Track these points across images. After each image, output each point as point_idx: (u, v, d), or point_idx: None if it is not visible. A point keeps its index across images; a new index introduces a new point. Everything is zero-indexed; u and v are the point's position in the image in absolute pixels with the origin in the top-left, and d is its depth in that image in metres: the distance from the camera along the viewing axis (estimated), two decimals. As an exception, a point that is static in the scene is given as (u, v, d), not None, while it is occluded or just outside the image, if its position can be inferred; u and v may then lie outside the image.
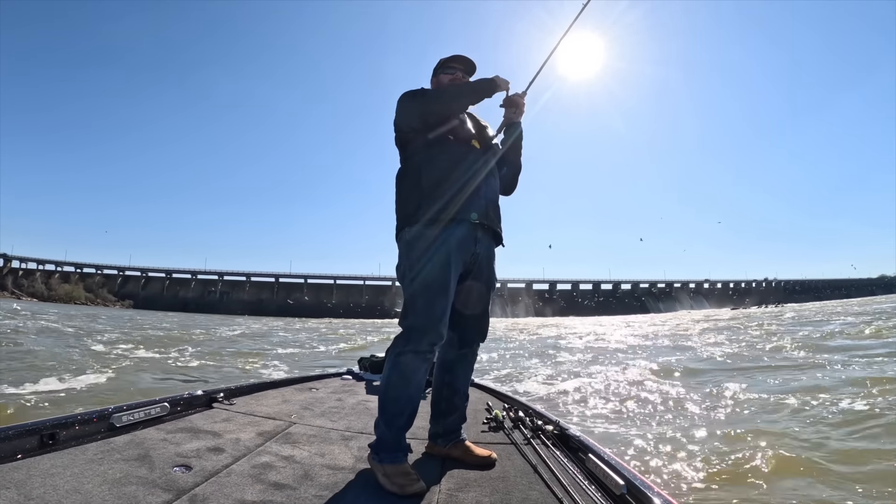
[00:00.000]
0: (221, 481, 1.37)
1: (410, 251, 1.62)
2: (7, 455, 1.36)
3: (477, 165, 1.70)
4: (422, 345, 1.55)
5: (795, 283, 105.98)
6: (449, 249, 1.59)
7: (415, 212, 1.62)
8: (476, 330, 1.77)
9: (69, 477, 1.27)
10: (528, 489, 1.45)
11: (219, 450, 1.63)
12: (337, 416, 2.33)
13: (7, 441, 1.39)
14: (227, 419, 2.06)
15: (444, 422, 1.75)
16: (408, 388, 1.55)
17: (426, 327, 1.55)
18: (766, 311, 41.67)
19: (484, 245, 1.72)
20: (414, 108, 1.69)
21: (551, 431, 1.95)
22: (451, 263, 1.59)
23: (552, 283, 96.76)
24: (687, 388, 5.44)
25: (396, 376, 1.56)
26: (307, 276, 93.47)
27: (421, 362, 1.56)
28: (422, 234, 1.61)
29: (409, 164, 1.72)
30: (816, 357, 7.42)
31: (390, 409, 1.55)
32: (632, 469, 1.39)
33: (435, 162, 1.66)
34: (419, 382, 1.57)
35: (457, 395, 1.78)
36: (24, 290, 76.41)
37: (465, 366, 1.81)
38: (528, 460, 1.69)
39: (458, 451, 1.72)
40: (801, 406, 4.23)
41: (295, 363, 9.14)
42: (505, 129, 1.89)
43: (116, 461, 1.43)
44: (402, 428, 1.55)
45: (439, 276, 1.57)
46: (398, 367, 1.56)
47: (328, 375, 3.72)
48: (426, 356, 1.57)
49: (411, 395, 1.56)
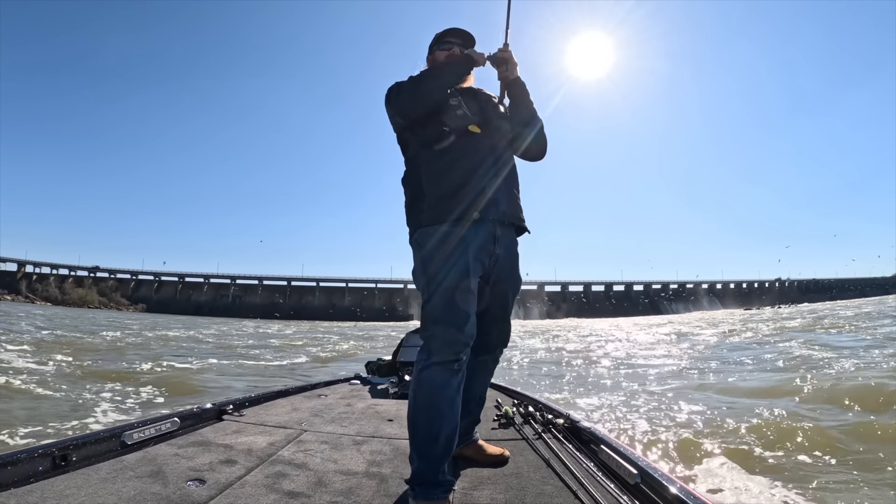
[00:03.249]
0: (236, 493, 1.37)
1: (424, 254, 1.50)
2: (20, 479, 1.36)
3: (479, 155, 1.55)
4: (447, 354, 1.38)
5: (809, 282, 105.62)
6: (466, 249, 1.46)
7: (421, 215, 1.53)
8: (497, 336, 1.65)
9: (84, 497, 1.27)
10: (542, 484, 1.45)
11: (231, 462, 1.63)
12: (347, 421, 2.33)
13: (19, 464, 1.39)
14: (238, 430, 2.06)
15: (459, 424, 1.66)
16: (438, 407, 1.35)
17: (449, 335, 1.39)
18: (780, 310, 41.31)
19: (504, 243, 1.58)
20: (394, 109, 1.59)
21: (562, 425, 1.95)
22: (470, 264, 1.46)
23: (564, 285, 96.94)
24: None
25: (423, 396, 1.38)
26: (319, 279, 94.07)
27: (449, 375, 1.38)
28: (434, 234, 1.50)
29: (409, 167, 1.63)
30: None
31: (421, 436, 1.35)
32: (645, 458, 1.39)
33: (433, 161, 1.55)
34: (451, 399, 1.38)
35: (472, 401, 1.66)
36: (38, 295, 77.29)
37: (485, 372, 1.70)
38: (540, 455, 1.69)
39: (470, 450, 1.68)
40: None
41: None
42: (507, 91, 1.72)
43: (130, 479, 1.43)
44: (440, 458, 1.32)
45: (459, 277, 1.43)
46: (423, 384, 1.39)
47: (336, 381, 3.73)
48: (454, 367, 1.39)
49: (443, 414, 1.35)
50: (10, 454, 1.39)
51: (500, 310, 1.62)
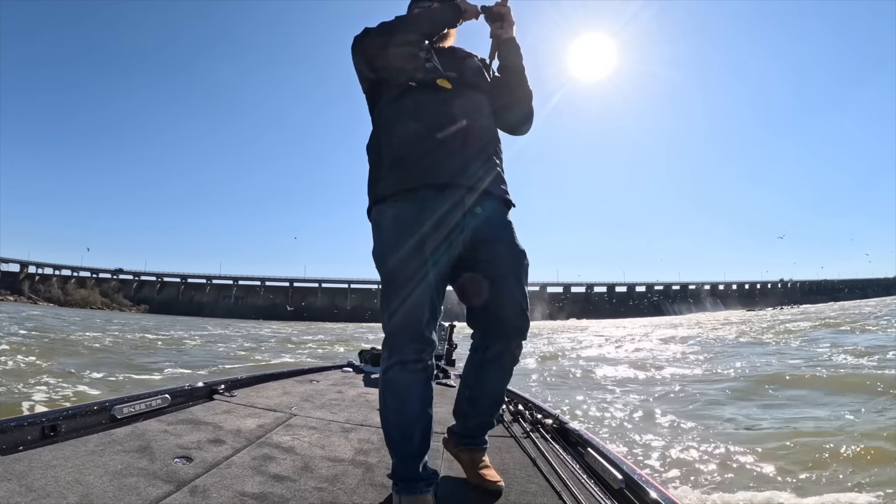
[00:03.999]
0: (222, 472, 1.37)
1: (379, 236, 1.32)
2: (8, 447, 1.37)
3: (446, 112, 1.32)
4: (405, 353, 1.25)
5: (812, 283, 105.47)
6: (421, 226, 1.24)
7: (378, 185, 1.34)
8: (509, 325, 1.36)
9: (70, 468, 1.28)
10: (526, 482, 1.45)
11: (219, 441, 1.64)
12: (337, 408, 2.34)
13: (8, 433, 1.40)
14: (228, 411, 2.07)
15: (464, 424, 1.48)
16: (408, 408, 1.26)
17: (405, 331, 1.24)
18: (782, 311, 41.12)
19: (484, 214, 1.33)
20: (360, 56, 1.37)
21: (550, 425, 1.96)
22: (427, 244, 1.24)
23: (566, 286, 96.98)
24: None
25: (391, 398, 1.28)
26: (321, 280, 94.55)
27: (413, 374, 1.25)
28: (386, 211, 1.30)
29: (374, 130, 1.44)
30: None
31: (396, 437, 1.27)
32: (630, 464, 1.40)
33: (394, 119, 1.35)
34: (421, 397, 1.27)
35: (484, 398, 1.45)
36: (40, 296, 77.75)
37: (498, 369, 1.42)
38: (527, 453, 1.70)
39: (466, 457, 1.45)
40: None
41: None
42: (497, 51, 1.51)
43: (117, 452, 1.44)
44: (417, 455, 1.25)
45: (410, 263, 1.23)
46: (389, 386, 1.28)
47: (329, 367, 3.74)
48: (417, 366, 1.26)
49: (414, 415, 1.26)
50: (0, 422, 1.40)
51: (506, 294, 1.34)
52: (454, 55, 1.48)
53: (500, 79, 1.50)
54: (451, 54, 1.48)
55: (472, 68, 1.47)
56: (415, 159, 1.29)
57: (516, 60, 1.48)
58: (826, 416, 4.15)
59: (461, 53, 1.51)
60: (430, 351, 1.28)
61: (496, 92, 1.48)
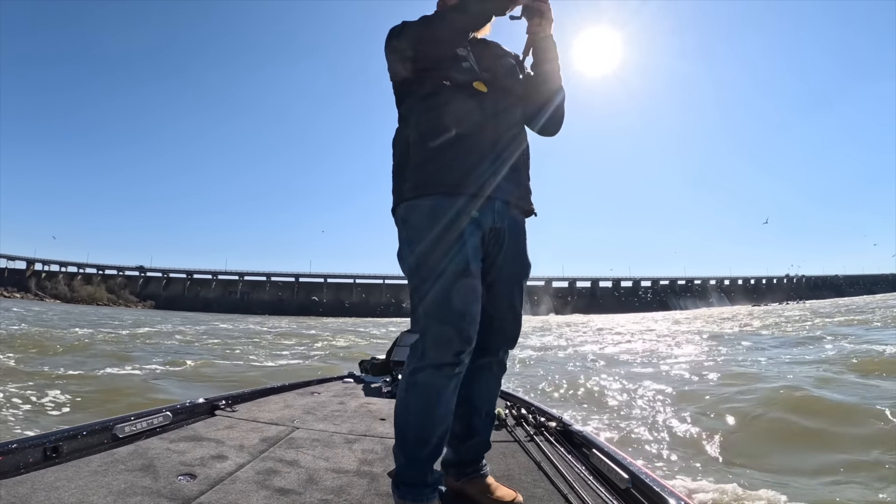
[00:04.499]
0: (226, 489, 1.37)
1: (411, 233, 1.27)
2: (10, 470, 1.36)
3: (482, 118, 1.30)
4: (444, 356, 1.19)
5: (818, 279, 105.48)
6: (459, 219, 1.23)
7: (406, 184, 1.31)
8: (503, 333, 1.36)
9: (74, 489, 1.27)
10: (532, 486, 1.45)
11: (222, 457, 1.63)
12: (339, 419, 2.33)
13: (10, 455, 1.38)
14: (230, 426, 2.06)
15: (460, 448, 1.38)
16: (433, 412, 1.21)
17: (445, 333, 1.18)
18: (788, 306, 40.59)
19: (508, 223, 1.33)
20: (394, 52, 1.33)
21: (554, 428, 1.96)
22: (469, 246, 1.22)
23: (571, 281, 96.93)
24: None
25: (416, 400, 1.22)
26: (327, 275, 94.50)
27: (446, 379, 1.20)
28: (418, 206, 1.26)
29: (400, 126, 1.40)
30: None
31: (411, 439, 1.21)
32: (637, 463, 1.40)
33: (426, 120, 1.31)
34: (447, 403, 1.22)
35: (476, 415, 1.38)
36: (47, 292, 77.77)
37: (490, 379, 1.40)
38: (531, 457, 1.70)
39: (474, 488, 1.35)
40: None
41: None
42: (532, 49, 1.44)
43: (121, 472, 1.43)
44: (429, 460, 1.21)
45: (458, 264, 1.20)
46: (416, 388, 1.21)
47: (330, 379, 3.73)
48: (453, 370, 1.20)
49: (438, 418, 1.21)
50: (2, 444, 1.39)
51: (505, 302, 1.35)
52: (489, 51, 1.42)
53: (533, 79, 1.44)
54: (485, 49, 1.42)
55: (506, 68, 1.42)
56: (446, 165, 1.26)
57: (553, 61, 1.41)
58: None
59: (496, 50, 1.45)
60: (469, 353, 1.23)
61: (529, 93, 1.43)
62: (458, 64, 1.33)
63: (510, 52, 1.48)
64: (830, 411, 3.89)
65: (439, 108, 1.30)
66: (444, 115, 1.29)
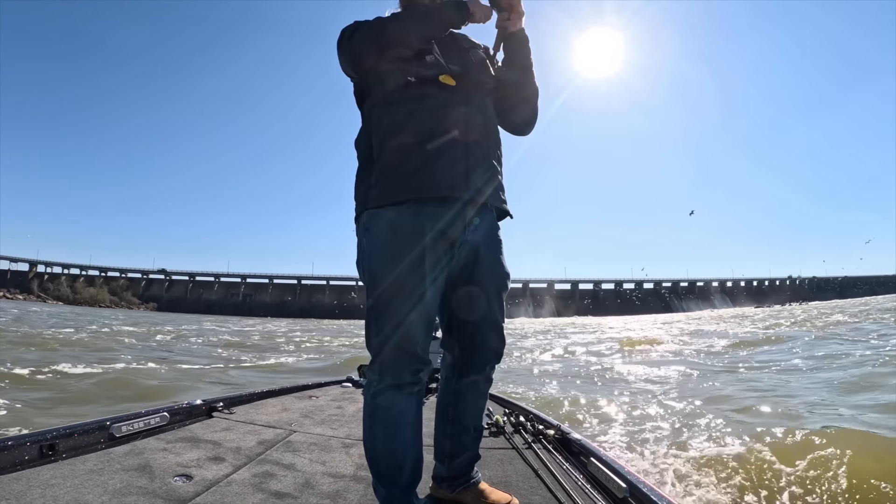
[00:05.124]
0: (222, 491, 1.36)
1: (371, 243, 1.19)
2: (6, 466, 1.36)
3: (450, 113, 1.20)
4: (402, 375, 1.15)
5: (820, 280, 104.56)
6: (422, 237, 1.14)
7: (370, 192, 1.20)
8: (487, 348, 1.29)
9: (69, 488, 1.27)
10: (530, 494, 1.44)
11: (219, 459, 1.63)
12: (337, 423, 2.32)
13: (6, 452, 1.38)
14: (228, 428, 2.05)
15: (450, 464, 1.35)
16: (399, 436, 1.16)
17: (401, 351, 1.14)
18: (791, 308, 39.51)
19: (482, 230, 1.25)
20: (345, 56, 1.23)
21: (552, 436, 1.95)
22: (427, 265, 1.14)
23: (574, 283, 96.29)
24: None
25: (379, 426, 1.17)
26: (329, 277, 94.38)
27: (408, 398, 1.17)
28: (382, 217, 1.17)
29: (364, 126, 1.28)
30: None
31: (384, 468, 1.17)
32: (634, 472, 1.39)
33: (389, 119, 1.20)
34: (415, 422, 1.18)
35: (465, 434, 1.34)
36: (49, 294, 77.73)
37: (477, 396, 1.35)
38: (529, 465, 1.69)
39: (469, 496, 1.33)
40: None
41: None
42: (503, 43, 1.37)
43: (116, 471, 1.42)
44: (408, 486, 1.17)
45: (408, 277, 1.13)
46: (378, 412, 1.17)
47: (328, 383, 3.72)
48: (413, 388, 1.17)
49: (406, 442, 1.17)
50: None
51: (484, 315, 1.27)
52: (457, 44, 1.32)
53: (505, 75, 1.36)
54: (453, 42, 1.31)
55: (477, 61, 1.32)
56: (413, 167, 1.16)
57: (525, 56, 1.35)
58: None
59: (465, 43, 1.35)
60: (427, 370, 1.20)
61: (500, 90, 1.35)
62: (420, 58, 1.21)
63: (479, 45, 1.39)
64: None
65: (403, 106, 1.20)
66: (410, 114, 1.19)
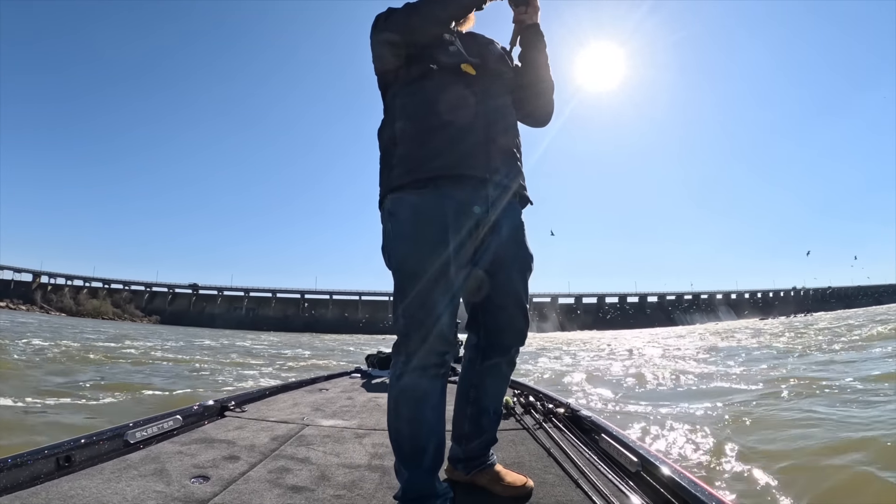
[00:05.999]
0: (239, 489, 1.38)
1: (394, 229, 1.23)
2: (25, 481, 1.37)
3: (469, 99, 1.25)
4: (428, 357, 1.16)
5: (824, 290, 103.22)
6: (445, 219, 1.16)
7: (393, 173, 1.24)
8: (512, 328, 1.32)
9: (88, 497, 1.28)
10: (543, 473, 1.46)
11: (234, 458, 1.64)
12: (349, 414, 2.34)
13: (24, 467, 1.39)
14: (240, 426, 2.07)
15: (467, 447, 1.38)
16: (423, 418, 1.17)
17: (426, 334, 1.15)
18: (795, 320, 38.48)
19: (505, 212, 1.27)
20: (379, 39, 1.29)
21: (563, 414, 1.97)
22: (451, 244, 1.16)
23: (578, 297, 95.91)
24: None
25: (405, 406, 1.18)
26: (332, 291, 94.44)
27: (432, 380, 1.18)
28: (405, 200, 1.20)
29: (387, 114, 1.34)
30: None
31: (407, 450, 1.18)
32: (646, 446, 1.41)
33: (413, 104, 1.26)
34: (436, 406, 1.19)
35: (484, 416, 1.36)
36: (52, 305, 77.66)
37: (498, 379, 1.38)
38: (541, 444, 1.71)
39: (484, 477, 1.36)
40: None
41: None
42: (520, 37, 1.42)
43: (134, 478, 1.44)
44: (431, 469, 1.17)
45: (433, 256, 1.15)
46: (403, 394, 1.18)
47: (337, 375, 3.75)
48: (439, 371, 1.18)
49: (430, 425, 1.18)
50: (15, 456, 1.39)
51: (509, 296, 1.30)
52: (475, 41, 1.39)
53: (521, 68, 1.42)
54: (472, 39, 1.39)
55: (495, 55, 1.39)
56: (435, 149, 1.20)
57: (540, 49, 1.39)
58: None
59: (483, 40, 1.42)
60: (453, 353, 1.21)
61: (517, 82, 1.41)
62: (444, 48, 1.29)
63: (497, 43, 1.46)
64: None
65: (427, 91, 1.25)
66: (433, 98, 1.24)
